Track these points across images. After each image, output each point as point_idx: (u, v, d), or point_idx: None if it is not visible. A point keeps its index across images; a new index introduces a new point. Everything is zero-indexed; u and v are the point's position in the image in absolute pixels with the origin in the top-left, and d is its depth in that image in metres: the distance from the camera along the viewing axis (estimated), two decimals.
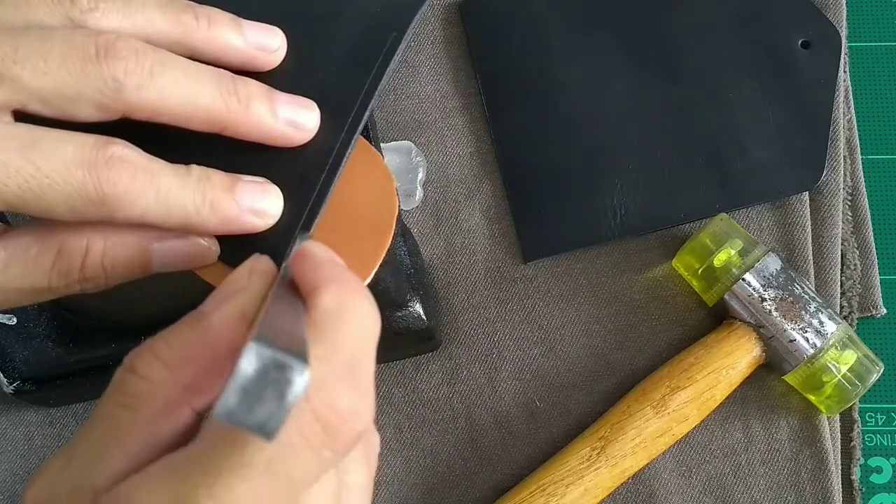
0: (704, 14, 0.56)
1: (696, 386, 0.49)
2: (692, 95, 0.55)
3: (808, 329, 0.48)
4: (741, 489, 0.50)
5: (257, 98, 0.33)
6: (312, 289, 0.28)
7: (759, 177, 0.54)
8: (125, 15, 0.33)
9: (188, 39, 0.34)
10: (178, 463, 0.26)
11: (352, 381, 0.27)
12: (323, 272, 0.29)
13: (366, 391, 0.28)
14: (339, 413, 0.26)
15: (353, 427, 0.27)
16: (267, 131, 0.33)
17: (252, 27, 0.35)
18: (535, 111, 0.55)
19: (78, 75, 0.31)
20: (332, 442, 0.26)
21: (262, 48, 0.35)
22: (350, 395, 0.27)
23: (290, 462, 0.25)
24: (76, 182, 0.30)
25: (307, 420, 0.26)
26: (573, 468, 0.48)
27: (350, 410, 0.26)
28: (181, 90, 0.32)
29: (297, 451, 0.25)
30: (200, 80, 0.33)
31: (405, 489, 0.51)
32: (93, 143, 0.31)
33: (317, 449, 0.26)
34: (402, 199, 0.54)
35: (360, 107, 0.35)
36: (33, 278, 0.32)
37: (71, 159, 0.30)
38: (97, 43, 0.31)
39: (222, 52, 0.35)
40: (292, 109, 0.34)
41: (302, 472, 0.26)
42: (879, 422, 0.53)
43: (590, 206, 0.54)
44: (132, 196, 0.31)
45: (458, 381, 0.52)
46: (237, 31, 0.35)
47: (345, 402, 0.26)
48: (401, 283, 0.47)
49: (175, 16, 0.34)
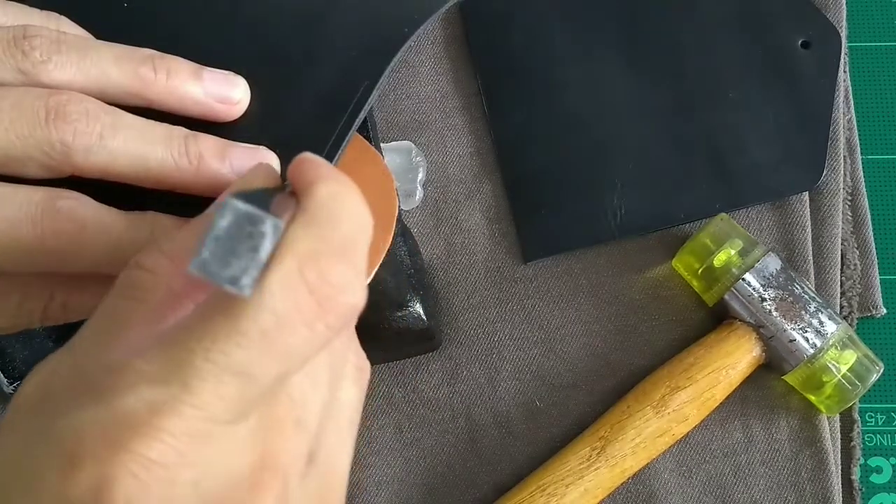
0: (705, 14, 0.56)
1: (696, 386, 0.49)
2: (692, 95, 0.55)
3: (808, 329, 0.48)
4: (741, 489, 0.50)
5: (210, 156, 0.33)
6: (308, 185, 0.28)
7: (759, 177, 0.54)
8: (79, 68, 0.33)
9: (145, 92, 0.34)
10: (172, 332, 0.26)
11: (345, 257, 0.27)
12: (320, 171, 0.29)
13: (360, 270, 0.28)
14: (332, 285, 0.26)
15: (347, 300, 0.26)
16: (221, 187, 0.33)
17: (213, 79, 0.35)
18: (535, 111, 0.55)
19: (26, 139, 0.31)
20: (326, 315, 0.26)
21: (222, 100, 0.35)
22: (343, 269, 0.26)
23: (285, 333, 0.25)
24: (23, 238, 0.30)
25: (300, 292, 0.26)
26: (573, 468, 0.48)
27: (343, 283, 0.26)
28: (131, 152, 0.32)
29: (291, 323, 0.25)
30: (151, 140, 0.33)
31: (405, 489, 0.51)
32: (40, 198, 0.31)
33: (311, 322, 0.26)
34: (402, 199, 0.54)
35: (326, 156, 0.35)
36: None
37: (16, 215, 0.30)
38: (48, 105, 0.31)
39: (180, 104, 0.35)
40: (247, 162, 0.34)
41: (296, 344, 0.26)
42: (879, 422, 0.53)
43: (590, 206, 0.54)
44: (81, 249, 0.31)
45: (458, 381, 0.52)
46: (197, 83, 0.35)
47: (337, 274, 0.26)
48: (401, 283, 0.47)
49: (132, 68, 0.34)
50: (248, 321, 0.25)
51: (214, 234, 0.24)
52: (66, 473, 0.24)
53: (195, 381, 0.24)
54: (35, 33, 0.33)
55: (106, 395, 0.25)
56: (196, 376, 0.24)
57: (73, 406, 0.25)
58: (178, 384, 0.24)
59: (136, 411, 0.24)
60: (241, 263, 0.24)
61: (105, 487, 0.23)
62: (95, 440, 0.24)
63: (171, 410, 0.24)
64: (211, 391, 0.24)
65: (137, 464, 0.23)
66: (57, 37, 0.33)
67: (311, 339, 0.26)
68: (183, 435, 0.24)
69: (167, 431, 0.24)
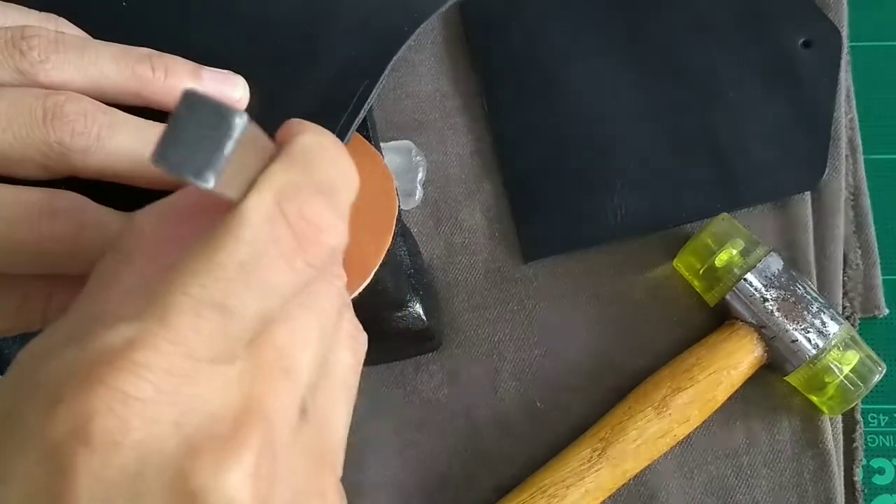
0: (705, 14, 0.56)
1: (697, 387, 0.49)
2: (693, 95, 0.55)
3: (810, 329, 0.48)
4: (743, 490, 0.50)
5: None
6: (292, 136, 0.28)
7: (761, 177, 0.53)
8: (78, 67, 0.33)
9: (143, 91, 0.34)
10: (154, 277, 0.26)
11: (326, 197, 0.26)
12: (304, 126, 0.28)
13: (340, 213, 0.27)
14: (310, 222, 0.26)
15: (326, 240, 0.26)
16: None
17: (212, 78, 0.35)
18: (535, 111, 0.55)
19: (23, 139, 0.31)
20: (304, 252, 0.26)
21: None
22: (323, 208, 0.26)
23: (263, 267, 0.25)
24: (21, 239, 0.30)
25: (279, 225, 0.25)
26: (574, 469, 0.48)
27: (322, 221, 0.26)
28: (128, 152, 0.32)
29: (268, 256, 0.25)
30: (149, 140, 0.32)
31: (405, 490, 0.51)
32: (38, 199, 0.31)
33: (290, 257, 0.25)
34: (402, 199, 0.54)
35: None
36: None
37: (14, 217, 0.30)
38: (45, 105, 0.31)
39: None
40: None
41: (275, 279, 0.25)
42: (882, 423, 0.52)
43: (590, 205, 0.54)
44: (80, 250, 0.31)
45: (458, 381, 0.52)
46: (196, 82, 0.35)
47: (317, 213, 0.26)
48: (401, 283, 0.47)
49: (130, 68, 0.34)
50: (225, 254, 0.25)
51: (177, 122, 0.24)
52: (47, 412, 0.23)
53: (172, 315, 0.24)
54: (33, 33, 0.33)
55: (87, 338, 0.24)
56: (172, 310, 0.24)
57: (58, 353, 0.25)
58: (154, 319, 0.24)
59: (113, 347, 0.24)
60: (204, 156, 0.24)
61: (84, 424, 0.23)
62: (74, 377, 0.24)
63: (148, 345, 0.24)
64: (188, 325, 0.24)
65: (115, 399, 0.23)
66: (55, 37, 0.33)
67: (290, 275, 0.26)
68: (161, 371, 0.24)
69: (144, 366, 0.23)
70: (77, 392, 0.23)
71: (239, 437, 0.24)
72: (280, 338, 0.26)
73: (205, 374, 0.24)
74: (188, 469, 0.23)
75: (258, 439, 0.25)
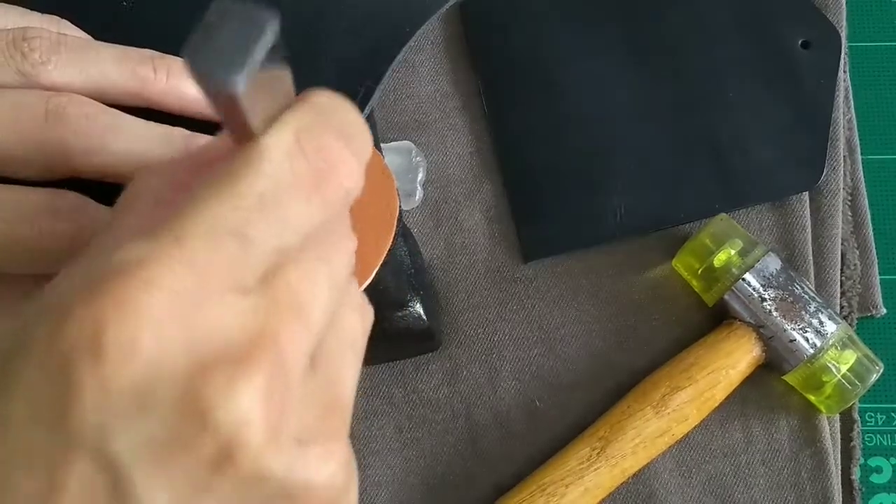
0: (705, 14, 0.56)
1: (696, 386, 0.49)
2: (692, 95, 0.55)
3: (808, 329, 0.48)
4: (741, 489, 0.50)
5: None
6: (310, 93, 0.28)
7: (759, 177, 0.54)
8: (79, 68, 0.33)
9: (144, 92, 0.34)
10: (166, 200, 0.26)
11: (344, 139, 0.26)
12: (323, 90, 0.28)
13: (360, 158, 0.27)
14: (328, 161, 0.26)
15: (343, 182, 0.26)
16: None
17: None
18: (535, 111, 0.55)
19: (26, 140, 0.31)
20: (320, 189, 0.26)
21: None
22: (341, 149, 0.26)
23: (282, 199, 0.25)
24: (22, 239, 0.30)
25: (298, 160, 0.25)
26: (573, 468, 0.48)
27: (340, 160, 0.26)
28: (130, 153, 0.32)
29: (288, 190, 0.25)
30: (149, 142, 0.33)
31: (405, 489, 0.51)
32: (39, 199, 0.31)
33: (307, 193, 0.25)
34: (402, 199, 0.54)
35: None
36: None
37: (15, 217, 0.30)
38: (48, 107, 0.31)
39: (180, 104, 0.35)
40: None
41: (292, 214, 0.25)
42: (879, 421, 0.53)
43: (590, 205, 0.54)
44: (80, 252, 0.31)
45: (458, 381, 0.52)
46: None
47: (335, 153, 0.26)
48: (401, 283, 0.47)
49: (131, 69, 0.34)
50: (245, 184, 0.25)
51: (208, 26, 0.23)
52: (57, 327, 0.23)
53: (188, 238, 0.24)
54: (35, 35, 0.33)
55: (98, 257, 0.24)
56: (189, 233, 0.24)
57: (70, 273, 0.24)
58: (169, 239, 0.24)
59: (125, 263, 0.23)
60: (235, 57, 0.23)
61: (94, 335, 0.22)
62: (83, 291, 0.23)
63: (162, 264, 0.23)
64: (204, 248, 0.24)
65: (126, 311, 0.22)
66: (56, 38, 0.33)
67: (308, 211, 0.26)
68: (173, 291, 0.23)
69: (156, 285, 0.23)
70: (88, 304, 0.23)
71: (252, 360, 0.24)
72: (294, 280, 0.26)
73: (218, 302, 0.24)
74: (199, 387, 0.23)
75: (270, 366, 0.24)
